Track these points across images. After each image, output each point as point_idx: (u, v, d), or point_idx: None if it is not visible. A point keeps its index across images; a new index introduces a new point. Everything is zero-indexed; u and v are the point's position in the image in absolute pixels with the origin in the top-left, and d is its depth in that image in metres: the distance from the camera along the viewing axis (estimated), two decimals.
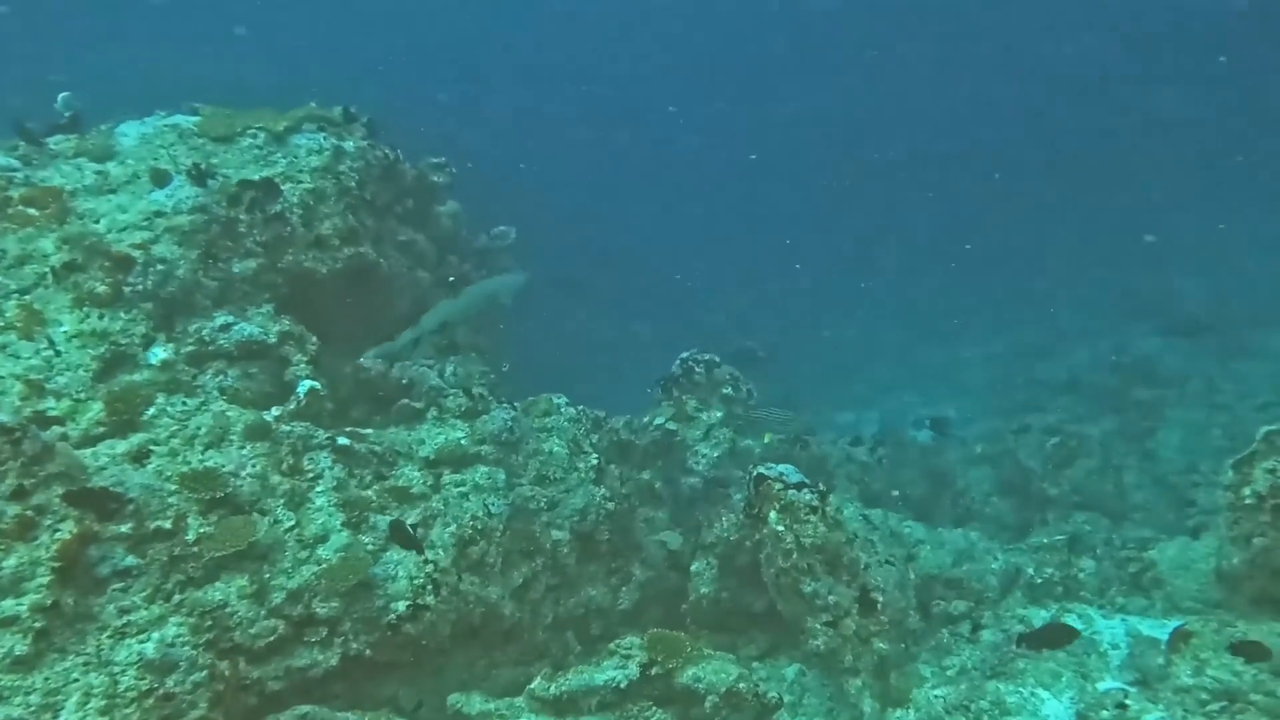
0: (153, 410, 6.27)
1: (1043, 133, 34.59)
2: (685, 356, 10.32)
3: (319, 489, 6.38)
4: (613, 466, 8.51)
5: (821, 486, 7.52)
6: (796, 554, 7.11)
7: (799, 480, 7.49)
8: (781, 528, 7.20)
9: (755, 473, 7.72)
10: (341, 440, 6.73)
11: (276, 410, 6.66)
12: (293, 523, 6.10)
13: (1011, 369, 18.06)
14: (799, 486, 7.39)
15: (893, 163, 32.72)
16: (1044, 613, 7.66)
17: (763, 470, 7.67)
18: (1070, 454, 10.99)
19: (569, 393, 8.88)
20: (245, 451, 6.26)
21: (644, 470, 9.39)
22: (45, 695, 4.86)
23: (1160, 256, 22.17)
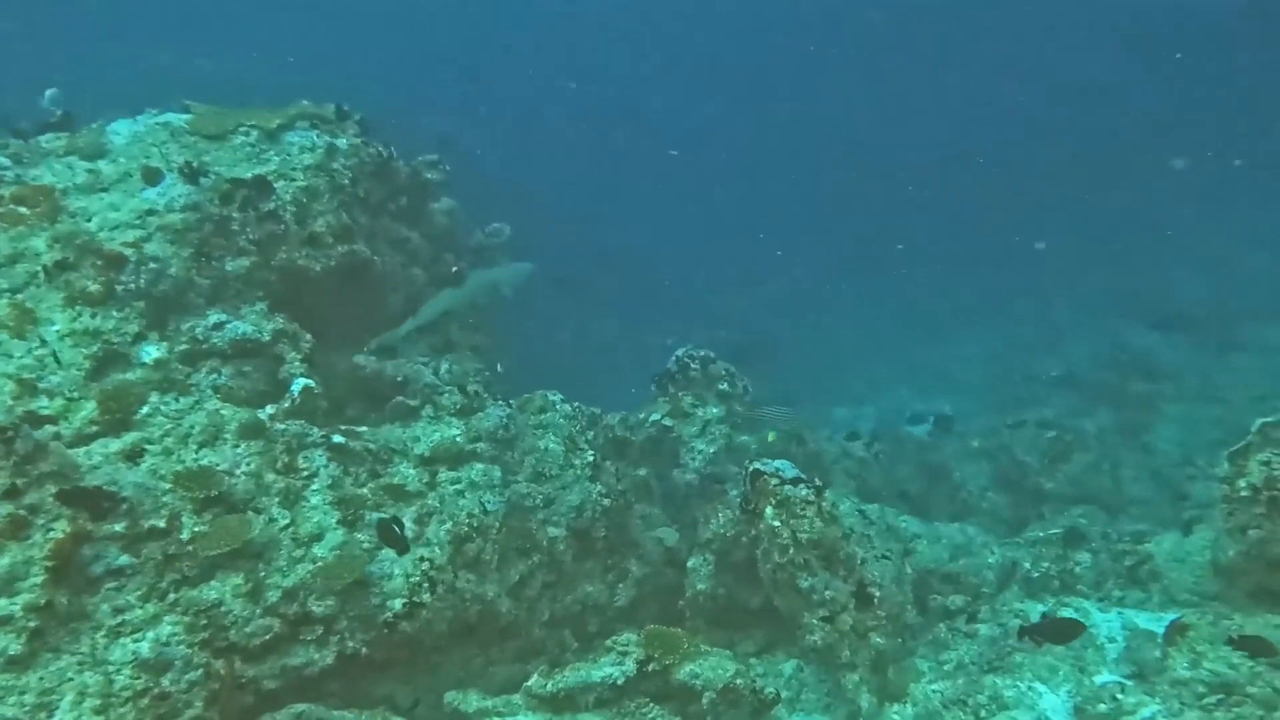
0: (146, 409, 6.24)
1: (1041, 131, 34.56)
2: (681, 353, 10.30)
3: (314, 487, 6.37)
4: (609, 463, 8.49)
5: (818, 482, 7.53)
6: (793, 549, 7.11)
7: (795, 475, 7.49)
8: (778, 523, 7.19)
9: (751, 468, 7.73)
10: (336, 438, 6.71)
11: (271, 408, 6.65)
12: (288, 521, 6.09)
13: (1008, 364, 18.06)
14: (795, 482, 7.39)
15: (891, 161, 32.67)
16: (1041, 606, 7.67)
17: (759, 466, 7.67)
18: (1066, 448, 11.00)
19: (565, 390, 8.86)
20: (240, 450, 6.24)
21: (640, 467, 9.38)
22: (40, 695, 4.85)
23: (1157, 252, 22.19)
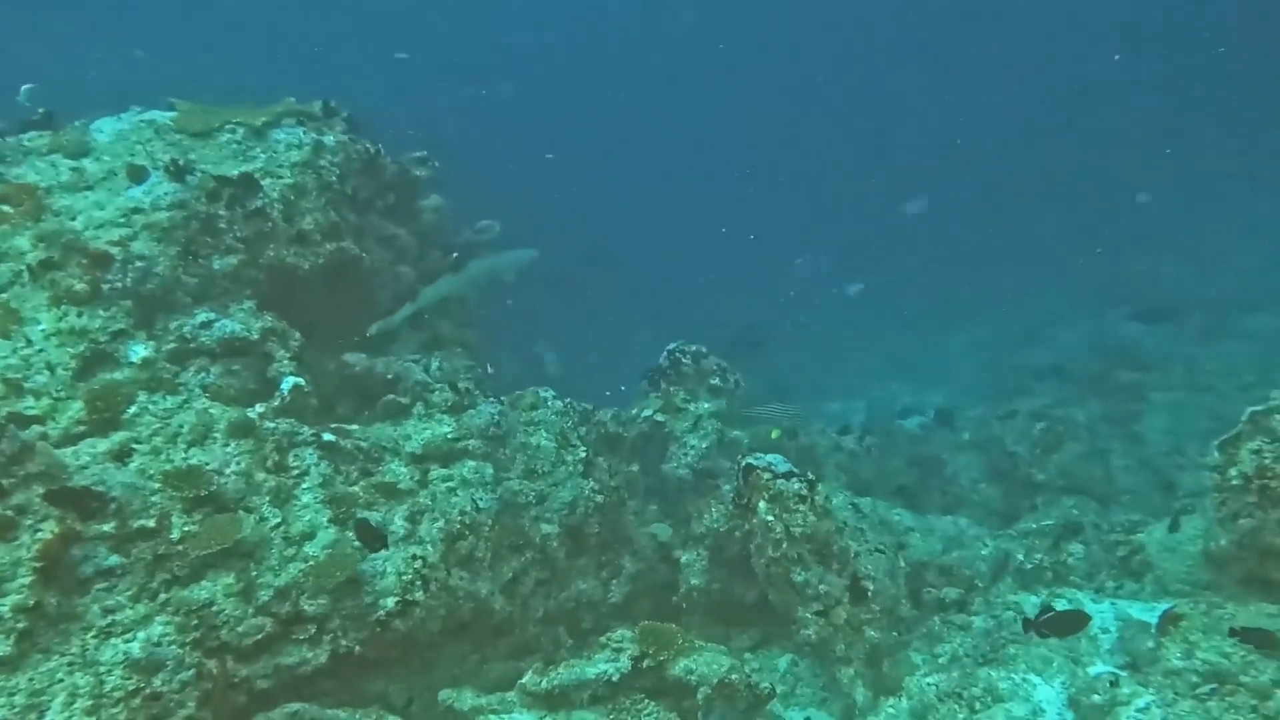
0: (134, 408, 6.19)
1: (1032, 123, 34.70)
2: (672, 348, 10.28)
3: (305, 486, 6.32)
4: (601, 459, 8.48)
5: (810, 476, 7.51)
6: (786, 544, 7.11)
7: (787, 470, 7.48)
8: (771, 518, 7.18)
9: (744, 463, 7.71)
10: (327, 436, 6.67)
11: (260, 407, 6.59)
12: (279, 520, 6.04)
13: (997, 355, 18.12)
14: (788, 476, 7.38)
15: (887, 159, 32.76)
16: (1034, 598, 7.69)
17: (751, 460, 7.66)
18: (1057, 439, 11.02)
19: (556, 387, 8.83)
20: (229, 449, 6.19)
21: (632, 463, 9.36)
22: (30, 696, 4.81)
23: (1144, 242, 22.30)
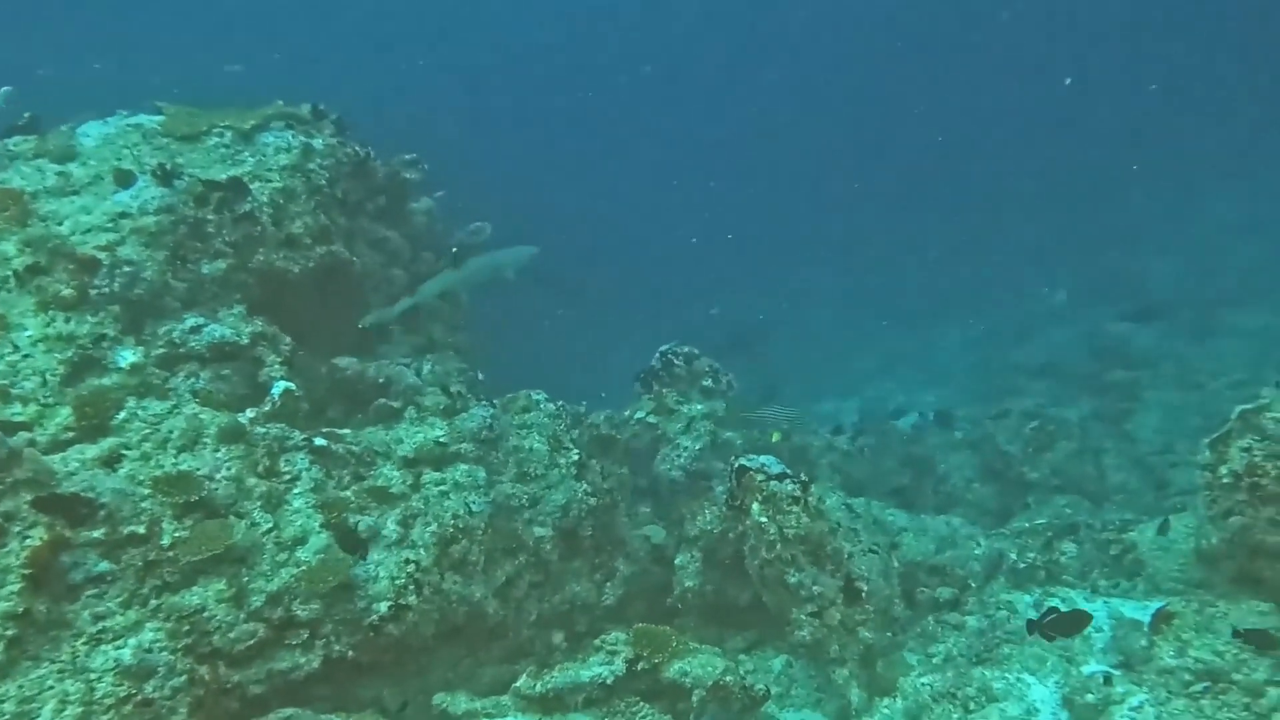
0: (123, 414, 6.15)
1: (1024, 122, 34.85)
2: (665, 349, 10.26)
3: (296, 490, 6.30)
4: (594, 461, 8.46)
5: (803, 477, 7.51)
6: (780, 545, 7.10)
7: (780, 471, 7.47)
8: (764, 519, 7.18)
9: (737, 464, 7.70)
10: (318, 441, 6.64)
11: (251, 412, 6.56)
12: (270, 525, 6.01)
13: (988, 354, 18.18)
14: (781, 477, 7.37)
15: (883, 157, 32.88)
16: (1028, 597, 7.70)
17: (744, 462, 7.65)
18: (1049, 438, 11.05)
19: (549, 390, 8.81)
20: (220, 454, 6.15)
21: (625, 465, 9.34)
22: (20, 703, 4.78)
23: (1135, 239, 22.42)
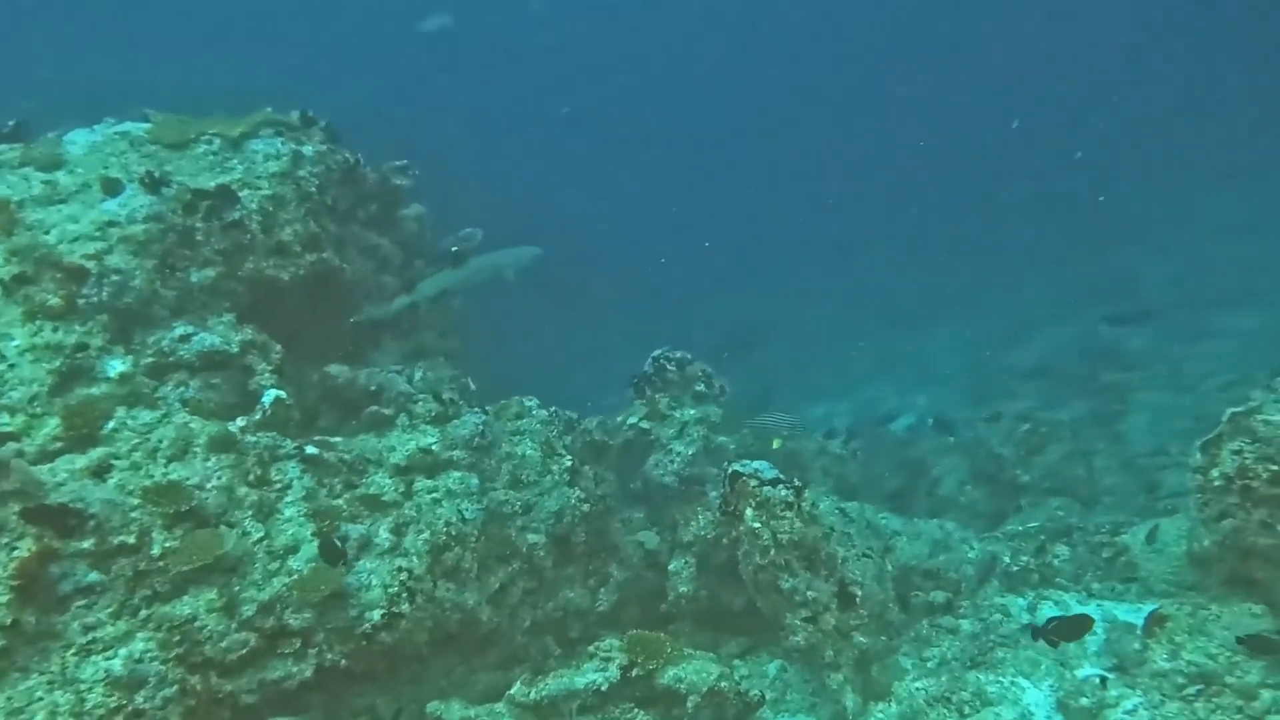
0: (112, 424, 6.12)
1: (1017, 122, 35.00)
2: (657, 354, 10.23)
3: (288, 499, 6.28)
4: (587, 468, 8.45)
5: (797, 482, 7.51)
6: (774, 550, 7.10)
7: (774, 476, 7.47)
8: (758, 525, 7.18)
9: (730, 470, 7.70)
10: (310, 449, 6.62)
11: (241, 421, 6.53)
12: (262, 534, 6.00)
13: (982, 357, 18.21)
14: (774, 483, 7.37)
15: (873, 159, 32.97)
16: (1021, 600, 7.71)
17: (737, 467, 7.65)
18: (1042, 440, 11.05)
19: (542, 396, 8.78)
20: (210, 463, 6.12)
21: (618, 470, 9.33)
22: (8, 715, 4.77)
23: (1125, 241, 22.51)
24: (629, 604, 8.22)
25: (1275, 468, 6.06)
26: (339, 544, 5.98)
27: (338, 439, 7.14)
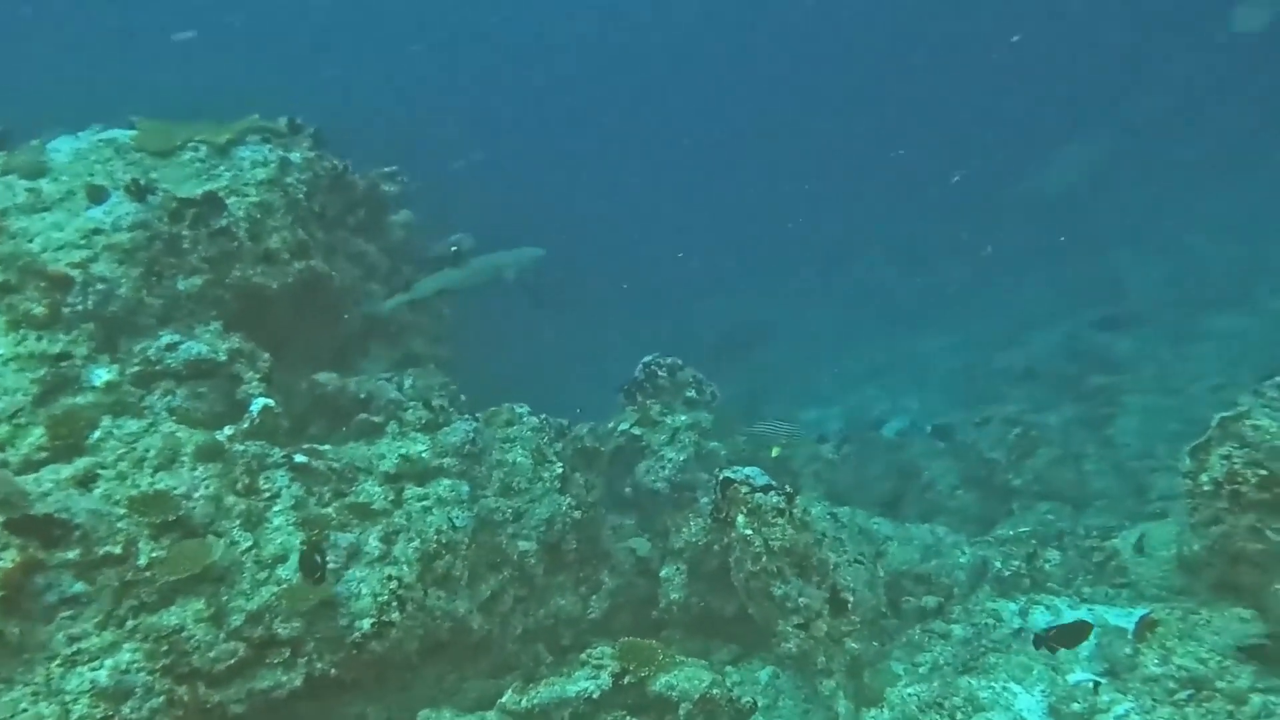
0: (98, 433, 6.07)
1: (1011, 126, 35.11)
2: (648, 360, 10.22)
3: (276, 508, 6.25)
4: (578, 475, 8.42)
5: (788, 488, 7.50)
6: (766, 557, 7.08)
7: (765, 483, 7.45)
8: (750, 531, 7.16)
9: (721, 476, 7.68)
10: (298, 458, 6.58)
11: (229, 429, 6.48)
12: (250, 543, 5.96)
13: (972, 360, 18.24)
14: (765, 489, 7.36)
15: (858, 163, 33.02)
16: (1013, 605, 7.71)
17: (729, 474, 7.63)
18: (1032, 444, 11.07)
19: (533, 403, 8.75)
20: (197, 473, 6.08)
21: (610, 477, 9.31)
22: None
23: (1114, 244, 22.62)
24: (621, 611, 8.19)
25: (1264, 473, 6.07)
26: (318, 560, 5.92)
27: (327, 447, 7.11)
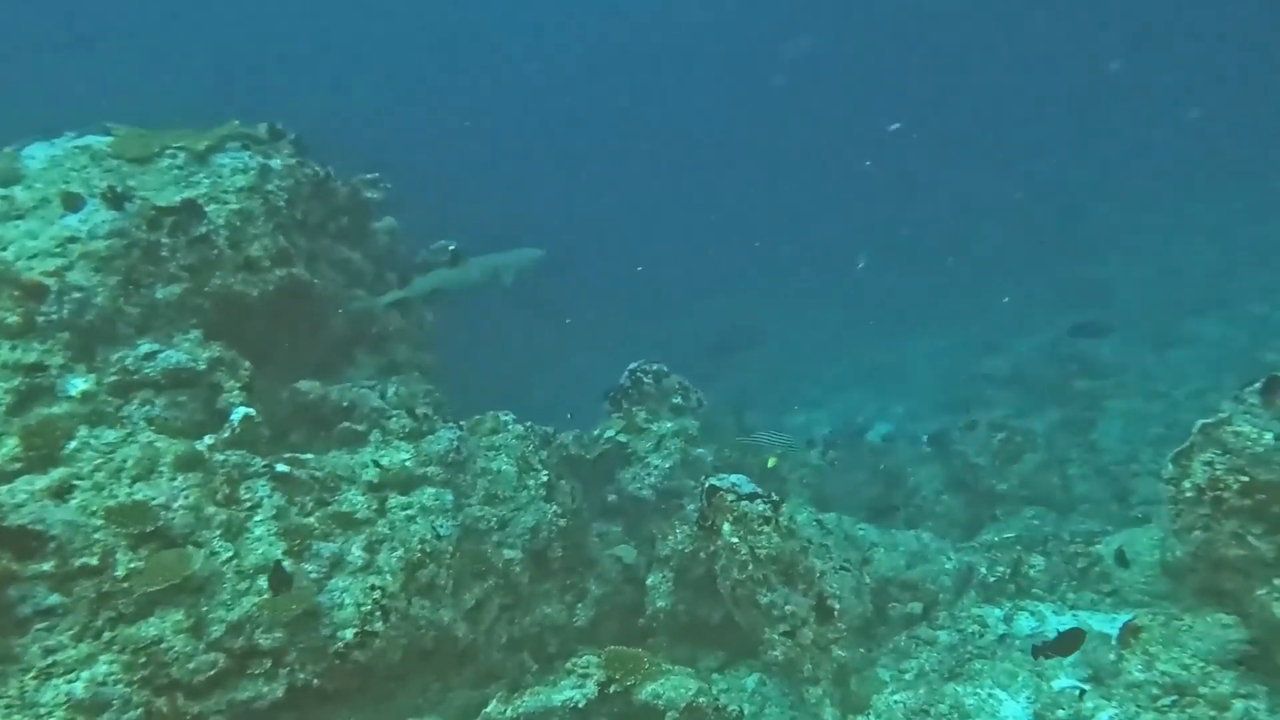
0: (74, 443, 5.98)
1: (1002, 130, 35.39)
2: (634, 367, 10.20)
3: (258, 518, 6.18)
4: (563, 482, 8.39)
5: (774, 496, 7.48)
6: (752, 565, 7.07)
7: (751, 491, 7.43)
8: (736, 539, 7.14)
9: (707, 484, 7.66)
10: (280, 467, 6.51)
11: (209, 439, 6.42)
12: (231, 554, 5.89)
13: (956, 365, 18.31)
14: (751, 497, 7.34)
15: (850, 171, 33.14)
16: (998, 611, 7.72)
17: (715, 482, 7.61)
18: (1017, 449, 11.11)
19: (519, 411, 8.71)
20: (177, 483, 6.02)
21: (595, 484, 9.28)
22: None
23: (1097, 250, 22.78)
24: (607, 619, 8.16)
25: (1245, 479, 6.10)
26: (286, 571, 5.86)
27: (309, 456, 7.03)
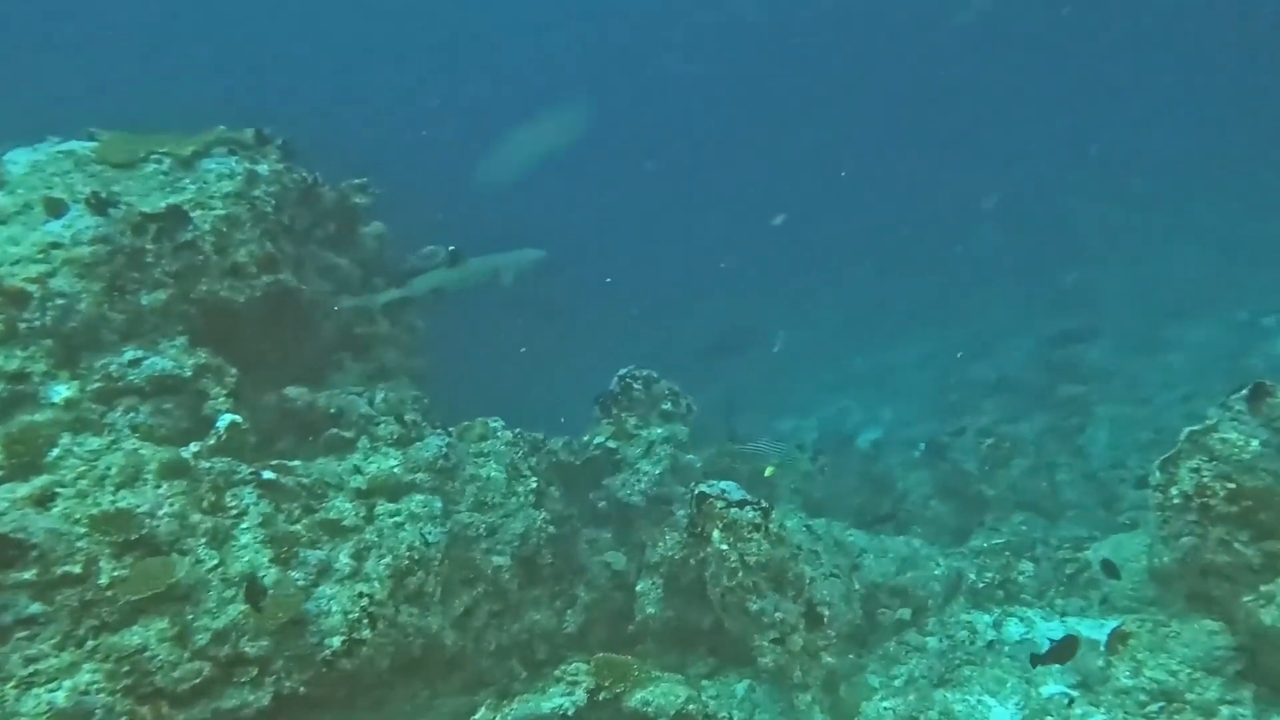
0: (57, 451, 5.92)
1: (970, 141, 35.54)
2: (623, 373, 10.17)
3: (244, 526, 6.14)
4: (553, 489, 8.37)
5: (764, 503, 7.46)
6: (741, 572, 7.05)
7: (741, 498, 7.41)
8: (725, 547, 7.12)
9: (697, 491, 7.64)
10: (266, 474, 6.47)
11: (195, 446, 6.36)
12: (216, 561, 5.86)
13: (944, 369, 18.35)
14: (741, 504, 7.32)
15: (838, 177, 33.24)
16: (987, 617, 7.73)
17: (704, 489, 7.58)
18: (1005, 455, 11.14)
19: (508, 417, 8.68)
20: (161, 490, 5.97)
21: (585, 490, 9.25)
22: None
23: (1082, 254, 22.89)
24: (596, 625, 8.13)
25: (1232, 486, 6.13)
26: (262, 585, 5.80)
27: (296, 463, 6.99)
